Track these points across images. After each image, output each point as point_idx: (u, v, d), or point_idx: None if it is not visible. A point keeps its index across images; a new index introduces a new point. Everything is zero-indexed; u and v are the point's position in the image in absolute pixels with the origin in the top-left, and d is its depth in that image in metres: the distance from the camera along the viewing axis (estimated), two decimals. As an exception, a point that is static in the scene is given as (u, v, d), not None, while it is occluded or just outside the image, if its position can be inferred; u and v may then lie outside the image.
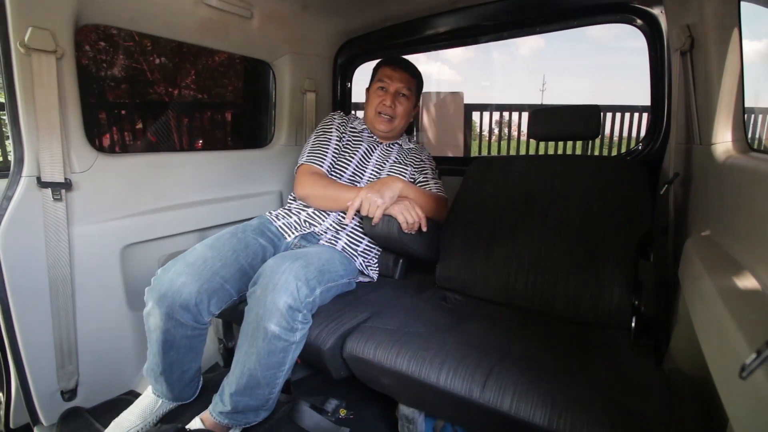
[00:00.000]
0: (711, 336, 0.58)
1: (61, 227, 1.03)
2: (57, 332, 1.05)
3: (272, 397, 0.99)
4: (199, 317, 0.99)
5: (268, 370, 0.93)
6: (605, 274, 1.03)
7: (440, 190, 1.36)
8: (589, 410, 0.66)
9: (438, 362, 0.80)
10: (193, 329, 1.01)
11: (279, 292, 0.89)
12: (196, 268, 0.99)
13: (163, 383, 1.05)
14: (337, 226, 1.25)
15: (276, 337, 0.90)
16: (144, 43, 3.71)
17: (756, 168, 0.67)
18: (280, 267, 0.93)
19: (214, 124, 3.77)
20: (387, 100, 1.33)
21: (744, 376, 0.28)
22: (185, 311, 0.97)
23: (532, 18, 1.47)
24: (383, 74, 1.35)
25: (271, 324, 0.89)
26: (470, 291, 1.20)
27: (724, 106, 0.89)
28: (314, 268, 0.97)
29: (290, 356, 0.94)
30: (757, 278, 0.56)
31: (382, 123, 1.35)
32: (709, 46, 0.89)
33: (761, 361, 0.27)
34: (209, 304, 0.99)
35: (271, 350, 0.91)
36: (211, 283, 0.99)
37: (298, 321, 0.91)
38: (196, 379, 1.14)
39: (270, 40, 1.53)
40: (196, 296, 0.96)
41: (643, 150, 1.36)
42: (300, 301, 0.91)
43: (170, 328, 0.98)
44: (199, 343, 1.06)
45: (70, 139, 1.06)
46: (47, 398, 1.07)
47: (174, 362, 1.03)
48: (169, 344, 1.00)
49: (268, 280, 0.92)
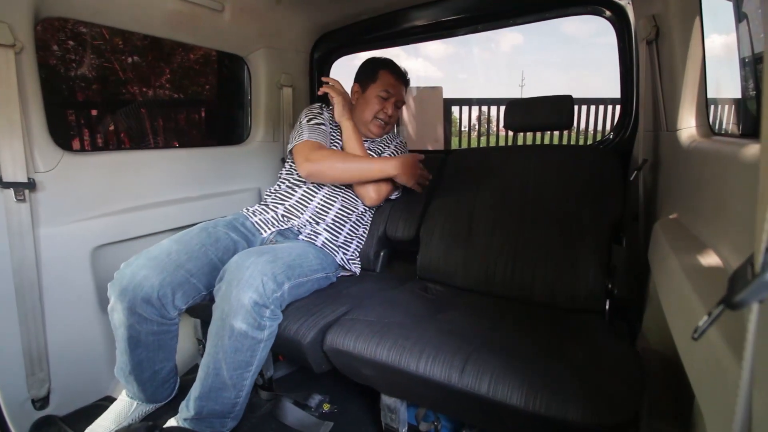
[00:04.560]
0: (676, 311, 0.60)
1: (25, 229, 0.99)
2: (25, 338, 1.01)
3: (239, 402, 0.95)
4: (163, 312, 0.97)
5: (234, 370, 0.90)
6: (580, 259, 1.06)
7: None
8: (563, 390, 0.68)
9: (417, 350, 0.80)
10: (160, 325, 0.98)
11: (243, 287, 0.87)
12: (159, 261, 0.97)
13: (133, 383, 1.02)
14: (315, 218, 1.23)
15: (242, 334, 0.88)
16: (115, 41, 3.60)
17: (718, 151, 0.70)
18: (245, 262, 0.91)
19: (188, 122, 3.68)
20: (389, 109, 1.34)
21: (695, 337, 0.29)
22: (148, 305, 0.94)
23: (506, 10, 1.48)
24: (387, 83, 1.34)
25: (237, 321, 0.87)
26: (451, 281, 1.21)
27: (688, 93, 0.92)
28: (282, 263, 0.95)
29: (258, 356, 0.92)
30: (719, 255, 0.58)
31: (378, 128, 1.36)
32: (673, 35, 0.92)
33: (711, 320, 0.28)
34: (174, 297, 0.97)
35: (238, 348, 0.89)
36: (175, 276, 0.97)
37: (265, 317, 0.89)
38: (172, 379, 1.11)
39: (243, 34, 1.50)
40: (158, 289, 0.94)
41: (614, 138, 1.39)
42: (266, 296, 0.88)
43: (134, 324, 0.95)
44: (169, 340, 1.03)
45: (33, 138, 1.02)
46: (17, 407, 1.03)
47: (143, 360, 1.00)
48: (135, 341, 0.97)
49: (233, 276, 0.89)
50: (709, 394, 0.44)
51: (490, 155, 1.35)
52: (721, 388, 0.38)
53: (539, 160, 1.25)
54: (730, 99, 1.08)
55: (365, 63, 1.40)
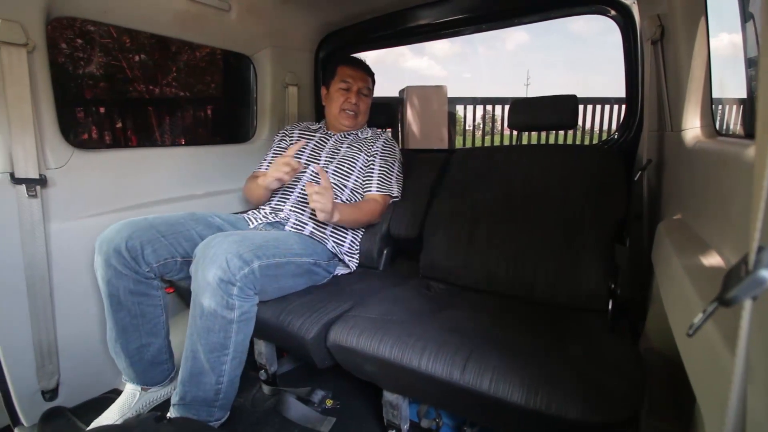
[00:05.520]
0: (677, 311, 0.61)
1: (36, 224, 1.01)
2: (36, 331, 1.03)
3: (221, 389, 0.94)
4: (134, 266, 1.00)
5: (210, 353, 0.91)
6: (583, 259, 1.06)
7: (383, 189, 1.35)
8: (564, 387, 0.68)
9: (419, 347, 0.81)
10: (136, 282, 1.01)
11: (208, 265, 0.88)
12: (134, 222, 1.04)
13: (121, 354, 1.05)
14: (298, 208, 1.26)
15: (212, 313, 0.89)
16: (123, 39, 3.63)
17: (722, 151, 0.70)
18: (211, 242, 0.93)
19: (195, 120, 3.71)
20: (352, 98, 1.41)
21: (690, 334, 0.30)
22: (119, 256, 0.98)
23: (511, 10, 1.48)
24: (345, 74, 1.41)
25: (205, 299, 0.89)
26: (453, 279, 1.21)
27: (693, 93, 0.92)
28: (250, 242, 0.96)
29: (233, 339, 0.92)
30: (722, 256, 0.58)
31: (347, 119, 1.42)
32: (678, 35, 0.92)
33: (706, 317, 0.29)
34: (143, 252, 1.00)
35: (210, 328, 0.90)
36: (145, 233, 1.02)
37: (233, 296, 0.89)
38: (165, 363, 1.12)
39: (249, 33, 1.51)
40: (126, 240, 0.98)
41: (619, 138, 1.39)
42: (231, 273, 0.88)
43: (111, 278, 0.99)
44: (152, 308, 1.06)
45: (45, 135, 1.04)
46: (27, 398, 1.05)
47: (128, 327, 1.03)
48: (116, 300, 1.01)
49: (201, 255, 0.92)
50: (707, 392, 0.45)
51: (494, 154, 1.35)
52: (719, 387, 0.39)
53: (543, 160, 1.25)
54: (736, 99, 1.08)
55: (326, 66, 1.48)
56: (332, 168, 1.34)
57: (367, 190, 1.35)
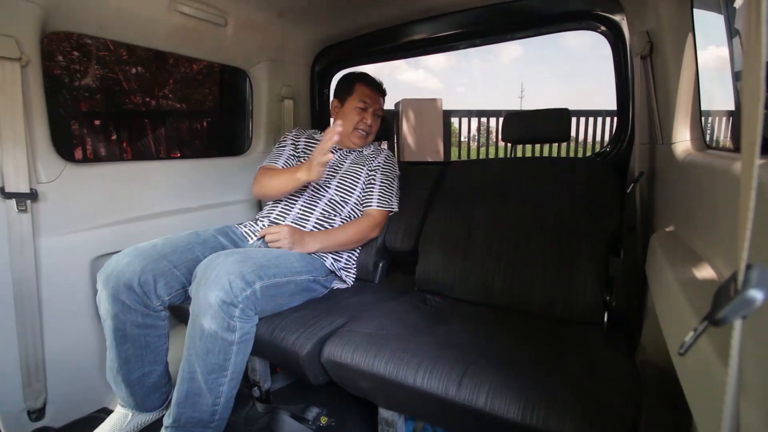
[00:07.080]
0: (671, 324, 0.61)
1: (26, 239, 1.00)
2: (23, 349, 1.01)
3: (217, 410, 0.92)
4: (146, 300, 0.97)
5: (209, 374, 0.89)
6: (578, 271, 1.06)
7: (384, 204, 1.35)
8: (561, 403, 0.67)
9: (415, 363, 0.80)
10: (144, 316, 0.98)
11: (210, 287, 0.87)
12: (143, 251, 1.00)
13: (122, 385, 1.02)
14: (297, 225, 1.25)
15: (212, 335, 0.87)
16: (119, 52, 3.65)
17: (712, 164, 0.70)
18: (213, 262, 0.91)
19: (191, 132, 3.71)
20: (368, 119, 1.41)
21: (681, 353, 0.29)
22: (130, 291, 0.95)
23: (504, 25, 1.51)
24: (364, 94, 1.40)
25: (206, 320, 0.87)
26: (449, 292, 1.21)
27: (682, 107, 0.93)
28: (252, 263, 0.94)
29: (232, 360, 0.90)
30: (714, 268, 0.58)
31: (360, 138, 1.42)
32: (667, 50, 0.94)
33: (696, 336, 0.28)
34: (155, 285, 0.97)
35: (209, 349, 0.88)
36: (158, 265, 0.98)
37: (235, 317, 0.88)
38: (164, 387, 1.10)
39: (246, 47, 1.53)
40: (139, 275, 0.95)
41: (611, 151, 1.41)
42: (234, 295, 0.87)
43: (119, 313, 0.96)
44: (157, 338, 1.03)
45: (36, 149, 1.03)
46: (12, 419, 1.02)
47: (131, 358, 1.00)
48: (121, 333, 0.97)
49: (202, 276, 0.90)
50: (702, 406, 0.44)
51: (489, 167, 1.36)
52: (713, 401, 0.38)
53: (537, 172, 1.26)
54: (725, 111, 1.10)
55: (342, 78, 1.47)
56: (335, 183, 1.34)
57: (366, 205, 1.35)
